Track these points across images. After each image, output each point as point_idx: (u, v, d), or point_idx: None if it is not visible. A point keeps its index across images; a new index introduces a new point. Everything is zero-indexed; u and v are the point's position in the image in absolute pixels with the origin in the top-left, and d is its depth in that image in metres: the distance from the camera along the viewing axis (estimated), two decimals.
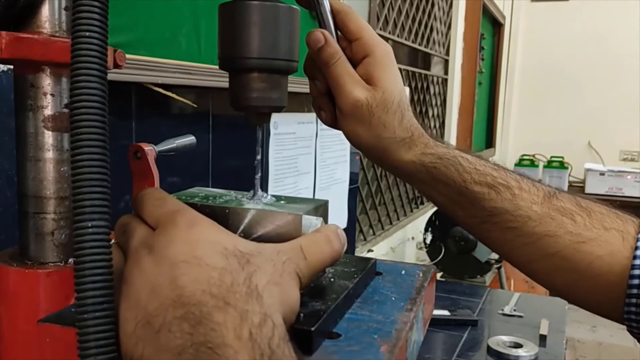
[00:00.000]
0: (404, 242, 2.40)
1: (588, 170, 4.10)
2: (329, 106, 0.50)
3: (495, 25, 4.15)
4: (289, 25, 0.40)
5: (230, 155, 1.05)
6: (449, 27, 2.88)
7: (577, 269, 0.46)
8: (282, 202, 0.41)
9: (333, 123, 0.51)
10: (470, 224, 0.50)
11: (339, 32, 0.48)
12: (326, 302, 0.36)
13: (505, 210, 0.47)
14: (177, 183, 0.89)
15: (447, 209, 0.50)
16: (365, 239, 1.97)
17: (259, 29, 0.38)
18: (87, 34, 0.29)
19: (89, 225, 0.29)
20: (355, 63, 0.48)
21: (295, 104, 1.31)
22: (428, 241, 2.28)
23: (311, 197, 1.37)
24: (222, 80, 0.95)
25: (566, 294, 0.49)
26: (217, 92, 0.99)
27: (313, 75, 0.50)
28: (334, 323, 0.36)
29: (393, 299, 0.42)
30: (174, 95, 0.89)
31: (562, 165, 4.23)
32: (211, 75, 0.93)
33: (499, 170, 0.49)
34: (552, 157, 4.32)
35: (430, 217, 2.31)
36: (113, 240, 0.31)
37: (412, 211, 2.54)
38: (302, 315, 0.33)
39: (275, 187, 1.23)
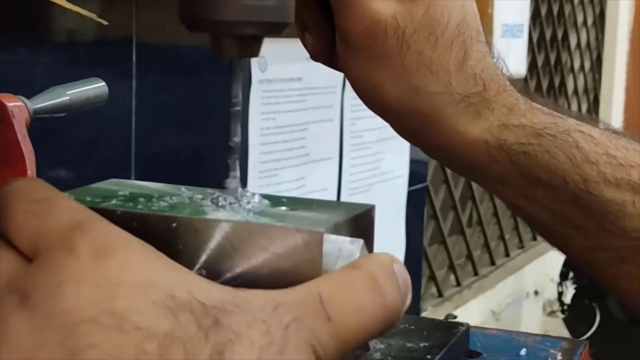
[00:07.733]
0: (518, 300, 2.40)
1: None
2: (322, 25, 0.51)
3: None
4: None
5: (171, 121, 1.06)
6: None
7: None
8: (283, 207, 0.41)
9: (327, 58, 0.53)
10: (594, 261, 0.51)
11: None
12: None
13: None
14: (68, 177, 0.90)
15: (549, 231, 0.52)
16: (440, 294, 1.97)
17: None
18: None
19: None
20: None
21: None
22: (568, 299, 2.27)
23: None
24: None
25: None
26: None
27: None
28: None
29: None
30: (63, 3, 0.90)
31: None
32: None
33: None
34: None
35: None
36: None
37: (534, 239, 2.54)
38: None
39: (261, 185, 1.24)
